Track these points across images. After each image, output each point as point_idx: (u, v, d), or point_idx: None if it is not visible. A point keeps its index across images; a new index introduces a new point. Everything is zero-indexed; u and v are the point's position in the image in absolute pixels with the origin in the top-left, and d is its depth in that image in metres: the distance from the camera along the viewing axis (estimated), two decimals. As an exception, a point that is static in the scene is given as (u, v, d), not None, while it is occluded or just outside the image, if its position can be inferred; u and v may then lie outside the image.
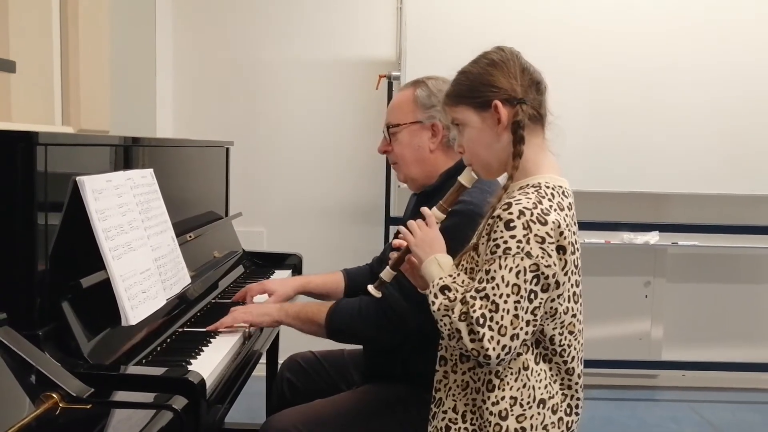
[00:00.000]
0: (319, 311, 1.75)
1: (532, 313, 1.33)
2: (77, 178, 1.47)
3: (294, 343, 2.34)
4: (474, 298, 1.32)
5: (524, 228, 1.32)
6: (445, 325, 1.35)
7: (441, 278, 1.40)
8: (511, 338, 1.31)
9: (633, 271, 3.71)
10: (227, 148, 2.73)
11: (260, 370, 2.16)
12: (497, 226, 1.34)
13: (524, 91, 1.43)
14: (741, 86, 3.31)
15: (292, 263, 2.66)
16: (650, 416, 3.37)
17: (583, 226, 1.50)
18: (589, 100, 3.29)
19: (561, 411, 1.44)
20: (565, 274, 1.37)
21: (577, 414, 1.48)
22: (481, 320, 1.30)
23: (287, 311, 1.80)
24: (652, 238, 3.44)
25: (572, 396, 1.46)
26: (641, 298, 3.73)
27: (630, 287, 3.72)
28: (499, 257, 1.32)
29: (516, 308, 1.31)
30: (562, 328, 1.42)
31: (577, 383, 1.46)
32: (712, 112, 3.32)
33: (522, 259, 1.31)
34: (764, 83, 3.31)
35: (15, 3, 2.08)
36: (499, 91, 1.43)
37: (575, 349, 1.45)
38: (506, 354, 1.32)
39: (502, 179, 1.53)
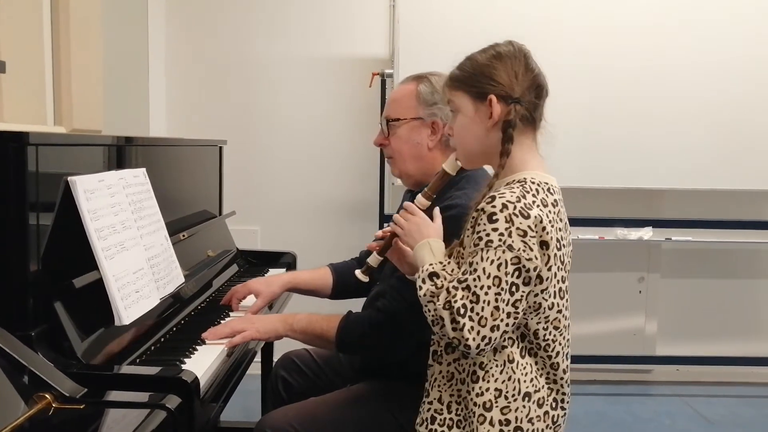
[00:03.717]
0: (329, 328, 1.71)
1: (513, 305, 1.34)
2: (69, 178, 1.47)
3: (289, 341, 2.33)
4: (456, 288, 1.33)
5: (506, 221, 1.33)
6: (429, 311, 1.36)
7: (431, 264, 1.40)
8: (491, 329, 1.32)
9: (627, 266, 3.72)
10: (220, 147, 2.73)
11: (255, 368, 2.16)
12: (481, 219, 1.35)
13: (522, 92, 1.43)
14: (733, 83, 3.32)
15: (287, 261, 2.66)
16: (644, 411, 3.38)
17: (577, 222, 1.51)
18: (581, 97, 3.29)
19: (547, 405, 1.45)
20: (549, 269, 1.37)
21: (563, 408, 1.48)
22: (462, 310, 1.31)
23: (293, 327, 1.75)
24: (646, 233, 3.46)
25: (558, 390, 1.47)
26: (635, 294, 3.74)
27: (624, 283, 3.74)
28: (482, 249, 1.33)
29: (497, 300, 1.32)
30: (546, 323, 1.43)
31: (562, 378, 1.47)
32: (705, 108, 3.33)
33: (504, 251, 1.32)
34: (756, 80, 3.32)
35: (5, 1, 2.07)
36: (497, 85, 1.43)
37: (560, 344, 1.46)
38: (486, 345, 1.33)
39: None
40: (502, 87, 1.42)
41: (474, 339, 1.31)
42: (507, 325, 1.35)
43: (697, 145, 3.35)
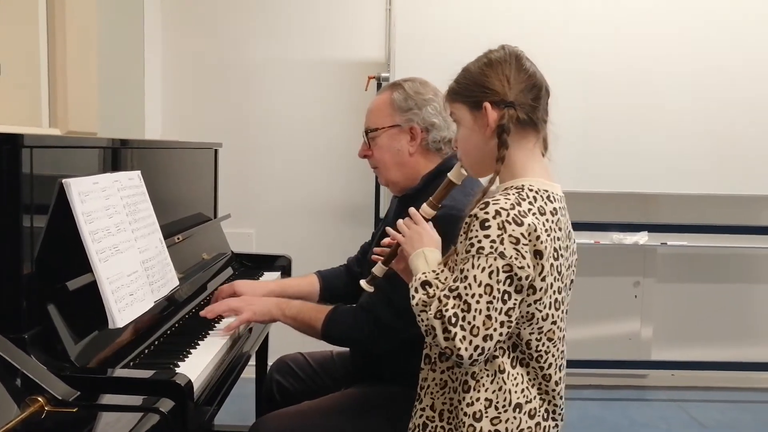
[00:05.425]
0: (317, 318, 1.75)
1: (506, 314, 1.31)
2: (63, 181, 1.46)
3: (283, 345, 2.33)
4: (447, 297, 1.31)
5: (499, 228, 1.30)
6: (422, 320, 1.34)
7: (424, 273, 1.39)
8: (484, 339, 1.29)
9: (622, 271, 3.72)
10: (216, 150, 2.72)
11: (250, 371, 2.16)
12: (473, 226, 1.33)
13: (516, 95, 1.41)
14: (729, 88, 3.33)
15: (282, 265, 2.65)
16: (640, 416, 3.38)
17: (573, 226, 1.50)
18: (578, 101, 3.30)
19: (539, 416, 1.42)
20: (543, 279, 1.34)
21: (554, 420, 1.45)
22: (453, 319, 1.29)
23: (285, 312, 1.80)
24: (641, 238, 3.46)
25: (550, 402, 1.44)
26: (631, 298, 3.75)
27: (619, 287, 3.74)
28: (473, 257, 1.31)
29: (488, 309, 1.29)
30: (540, 334, 1.39)
31: (554, 390, 1.44)
32: (701, 113, 3.34)
33: (495, 259, 1.30)
34: (751, 85, 3.33)
35: (1, 4, 2.06)
36: (490, 92, 1.41)
37: (553, 356, 1.42)
38: (479, 354, 1.30)
39: (486, 180, 1.53)
40: (495, 93, 1.41)
41: (466, 349, 1.28)
42: (501, 334, 1.32)
43: (693, 151, 3.35)
